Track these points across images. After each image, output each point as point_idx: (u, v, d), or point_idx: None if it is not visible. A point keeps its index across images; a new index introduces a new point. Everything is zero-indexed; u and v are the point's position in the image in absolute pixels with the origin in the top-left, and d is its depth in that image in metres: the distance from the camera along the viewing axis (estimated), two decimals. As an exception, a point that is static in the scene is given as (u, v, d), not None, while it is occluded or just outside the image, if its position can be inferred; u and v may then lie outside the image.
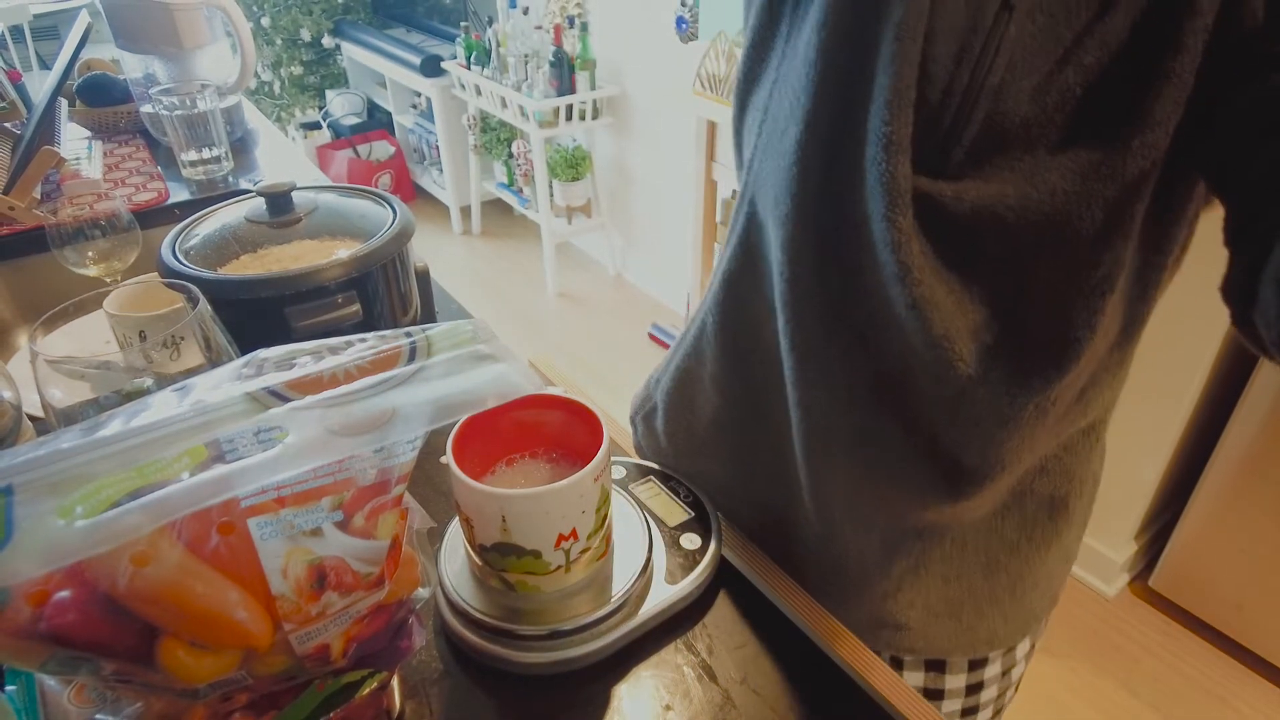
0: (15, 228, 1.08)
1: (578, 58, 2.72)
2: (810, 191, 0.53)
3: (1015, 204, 0.47)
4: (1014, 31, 0.45)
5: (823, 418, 0.61)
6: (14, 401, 0.60)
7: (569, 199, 3.06)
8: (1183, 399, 1.62)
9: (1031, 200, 0.47)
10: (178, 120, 1.22)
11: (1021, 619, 0.70)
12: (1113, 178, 0.45)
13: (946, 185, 0.49)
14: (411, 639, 0.46)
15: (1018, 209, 0.47)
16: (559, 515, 0.51)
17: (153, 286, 0.67)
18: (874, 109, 0.48)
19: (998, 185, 0.47)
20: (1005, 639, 0.71)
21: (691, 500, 0.67)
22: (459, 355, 0.40)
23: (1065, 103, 0.46)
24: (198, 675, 0.37)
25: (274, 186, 0.77)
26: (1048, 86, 0.46)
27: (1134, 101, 0.44)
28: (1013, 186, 0.47)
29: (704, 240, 2.04)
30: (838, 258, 0.54)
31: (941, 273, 0.50)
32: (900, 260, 0.49)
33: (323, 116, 3.85)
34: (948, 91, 0.47)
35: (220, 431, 0.35)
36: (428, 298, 0.88)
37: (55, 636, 0.34)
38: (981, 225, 0.48)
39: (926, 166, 0.49)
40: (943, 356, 0.51)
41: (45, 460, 0.33)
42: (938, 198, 0.48)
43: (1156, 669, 1.68)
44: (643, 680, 0.56)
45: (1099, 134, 0.46)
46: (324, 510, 0.37)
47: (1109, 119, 0.45)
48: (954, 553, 0.64)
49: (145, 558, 0.33)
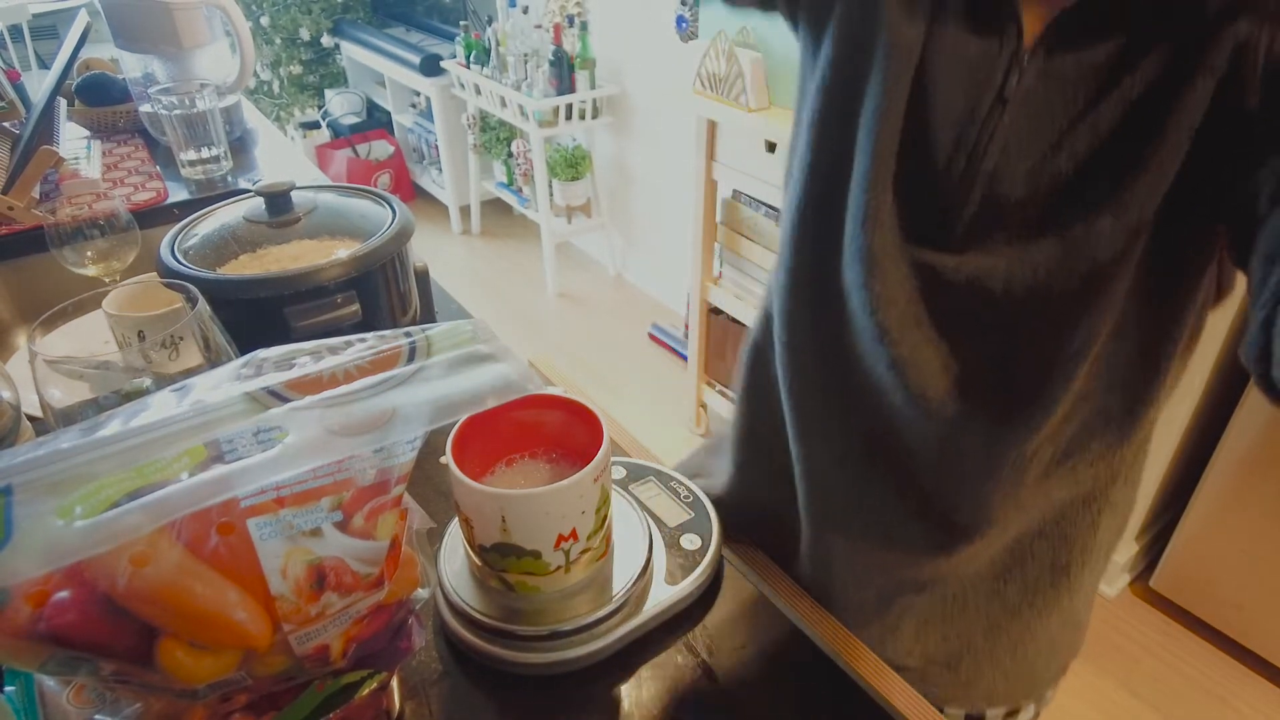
0: (14, 227, 1.08)
1: (577, 57, 2.72)
2: (805, 262, 0.57)
3: (1003, 276, 0.50)
4: (1008, 121, 0.49)
5: (821, 477, 0.64)
6: (13, 401, 0.60)
7: (569, 199, 3.06)
8: (1183, 400, 1.62)
9: (1016, 273, 0.50)
10: (177, 120, 1.22)
11: (1025, 682, 0.71)
12: (1086, 256, 0.48)
13: (949, 258, 0.52)
14: (411, 639, 0.46)
15: (1004, 280, 0.50)
16: (559, 515, 0.51)
17: (152, 286, 0.67)
18: (854, 183, 0.52)
19: (991, 259, 0.50)
20: (1005, 698, 0.71)
21: (691, 500, 0.67)
22: (459, 355, 0.40)
23: (1057, 185, 0.49)
24: (197, 675, 0.37)
25: (273, 186, 0.77)
26: (1041, 170, 0.48)
27: (1112, 186, 0.47)
28: (1004, 260, 0.50)
29: (704, 240, 2.04)
30: (827, 323, 0.58)
31: (933, 335, 0.54)
32: (878, 323, 0.53)
33: (322, 116, 3.85)
34: (947, 173, 0.51)
35: (220, 431, 0.35)
36: (427, 298, 0.88)
37: (55, 636, 0.34)
38: (975, 294, 0.52)
39: (932, 239, 0.52)
40: (922, 412, 0.55)
41: (45, 460, 0.33)
42: (939, 269, 0.52)
43: (1157, 669, 1.68)
44: (643, 680, 0.56)
45: (1080, 214, 0.48)
46: (324, 510, 0.36)
47: (1089, 201, 0.48)
48: (954, 611, 0.66)
49: (145, 558, 0.33)
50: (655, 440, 2.35)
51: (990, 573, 0.65)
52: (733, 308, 2.06)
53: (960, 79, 0.50)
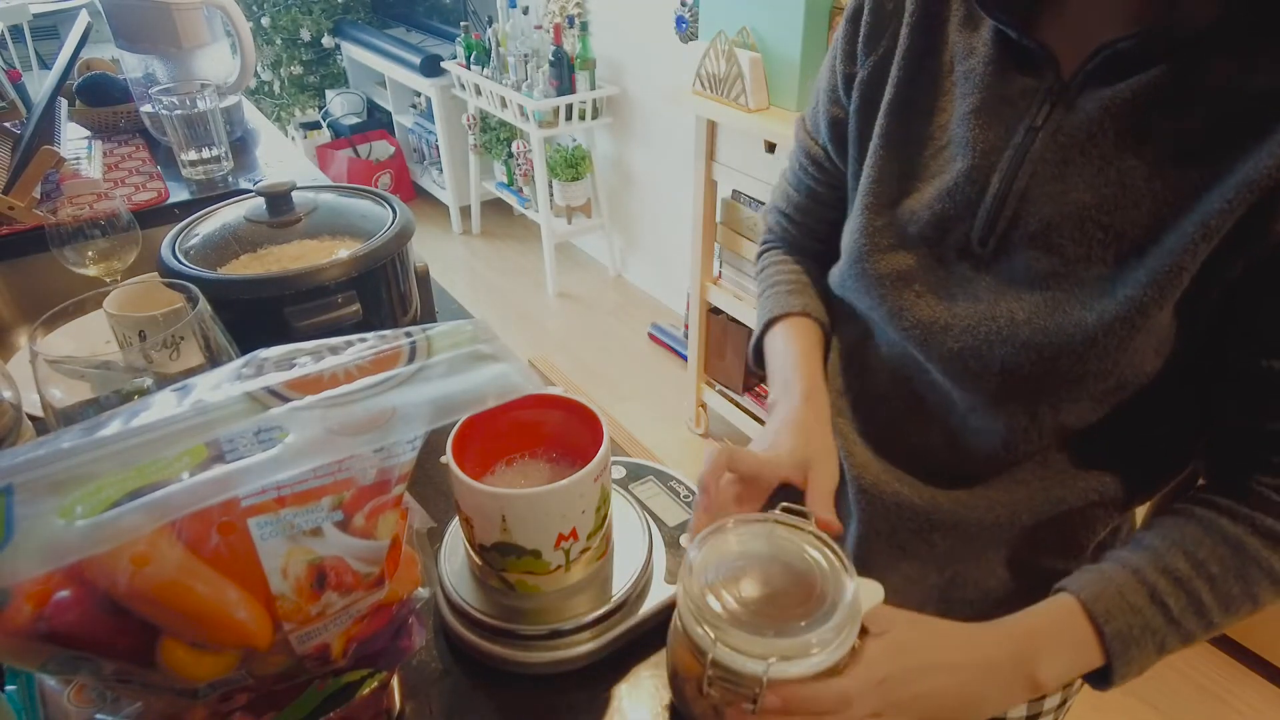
0: (15, 227, 1.08)
1: (577, 57, 2.72)
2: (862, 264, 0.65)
3: (1026, 299, 0.56)
4: (1039, 148, 0.54)
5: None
6: (14, 401, 0.60)
7: (569, 199, 3.06)
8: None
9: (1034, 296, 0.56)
10: (177, 120, 1.22)
11: None
12: (1107, 292, 0.53)
13: (975, 274, 0.60)
14: (411, 639, 0.46)
15: (1028, 310, 0.56)
16: (559, 515, 0.51)
17: (152, 286, 0.67)
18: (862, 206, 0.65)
19: (1014, 278, 0.57)
20: None
21: (691, 500, 0.67)
22: (459, 355, 0.40)
23: (1076, 212, 0.53)
24: (198, 675, 0.37)
25: (274, 186, 0.77)
26: (1063, 197, 0.54)
27: (1133, 227, 0.52)
28: (1026, 280, 0.56)
29: (704, 240, 2.04)
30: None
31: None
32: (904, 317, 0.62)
33: (322, 116, 3.85)
34: (981, 193, 0.57)
35: (220, 431, 0.35)
36: (428, 298, 0.88)
37: (56, 636, 0.34)
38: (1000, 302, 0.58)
39: (968, 253, 0.59)
40: (940, 383, 0.63)
41: (45, 460, 0.33)
42: (968, 278, 0.60)
43: (1156, 669, 1.68)
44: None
45: (1104, 249, 0.53)
46: (324, 510, 0.37)
47: (1118, 235, 0.52)
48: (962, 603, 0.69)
49: (145, 558, 0.33)
50: (655, 440, 2.36)
51: (1005, 591, 0.67)
52: (732, 308, 2.06)
53: (999, 110, 0.56)
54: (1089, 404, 0.57)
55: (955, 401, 0.62)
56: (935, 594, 0.68)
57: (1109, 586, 0.52)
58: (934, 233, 0.60)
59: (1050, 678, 0.51)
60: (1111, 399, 0.56)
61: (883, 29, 0.63)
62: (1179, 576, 0.52)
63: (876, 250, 0.63)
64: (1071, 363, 0.54)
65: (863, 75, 0.64)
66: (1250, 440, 0.53)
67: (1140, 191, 0.51)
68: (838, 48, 0.67)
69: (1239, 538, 0.52)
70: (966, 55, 0.58)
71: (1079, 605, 0.52)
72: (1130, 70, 0.50)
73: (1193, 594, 0.52)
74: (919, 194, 0.61)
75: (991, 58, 0.56)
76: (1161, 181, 0.50)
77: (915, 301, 0.61)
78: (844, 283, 0.67)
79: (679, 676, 0.52)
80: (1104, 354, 0.52)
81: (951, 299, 0.60)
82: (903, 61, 0.61)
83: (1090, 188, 0.52)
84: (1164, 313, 0.51)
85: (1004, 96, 0.56)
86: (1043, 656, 0.51)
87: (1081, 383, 0.55)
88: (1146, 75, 0.50)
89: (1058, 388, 0.56)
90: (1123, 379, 0.54)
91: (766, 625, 0.46)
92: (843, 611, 0.46)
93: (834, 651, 0.46)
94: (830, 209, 0.75)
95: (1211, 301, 0.51)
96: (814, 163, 0.74)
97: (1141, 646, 0.52)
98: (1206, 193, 0.48)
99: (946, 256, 0.60)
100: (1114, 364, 0.53)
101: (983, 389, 0.59)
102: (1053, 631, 0.52)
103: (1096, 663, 0.52)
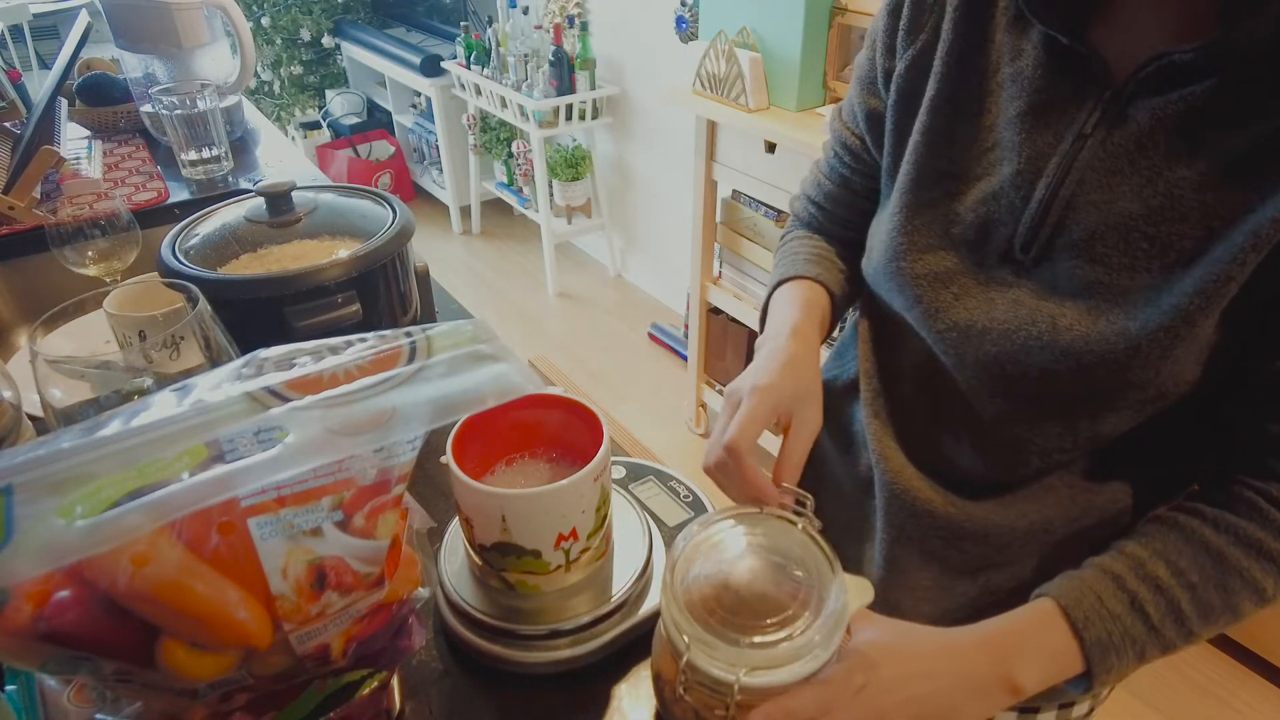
0: (15, 227, 1.08)
1: (577, 57, 2.72)
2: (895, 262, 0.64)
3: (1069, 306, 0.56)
4: (1087, 155, 0.54)
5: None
6: (14, 401, 0.60)
7: (569, 199, 3.06)
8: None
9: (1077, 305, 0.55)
10: (178, 120, 1.22)
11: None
12: (1123, 300, 0.53)
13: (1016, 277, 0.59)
14: (411, 639, 0.46)
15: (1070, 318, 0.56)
16: (559, 515, 0.51)
17: (152, 286, 0.67)
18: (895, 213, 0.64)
19: (1056, 284, 0.57)
20: None
21: (691, 500, 0.67)
22: (459, 355, 0.40)
23: (1122, 223, 0.52)
24: (198, 675, 0.37)
25: (274, 186, 0.77)
26: (1110, 206, 0.53)
27: (1181, 237, 0.51)
28: (1070, 287, 0.56)
29: (704, 240, 2.04)
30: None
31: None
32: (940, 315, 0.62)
33: (322, 116, 3.85)
34: (1027, 198, 0.56)
35: (220, 431, 0.35)
36: (428, 298, 0.88)
37: (56, 636, 0.34)
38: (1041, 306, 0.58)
39: (1010, 258, 0.58)
40: (973, 389, 0.62)
41: (45, 460, 0.33)
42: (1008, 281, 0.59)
43: (1156, 668, 1.68)
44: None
45: (1149, 257, 0.52)
46: (324, 510, 0.37)
47: (1164, 244, 0.51)
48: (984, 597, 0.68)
49: (145, 558, 0.33)
50: (655, 440, 2.36)
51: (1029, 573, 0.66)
52: (732, 308, 2.06)
53: (1047, 114, 0.56)
54: (1128, 414, 0.56)
55: (982, 412, 0.62)
56: (967, 601, 0.68)
57: (1089, 593, 0.52)
58: (976, 235, 0.59)
59: (1030, 684, 0.51)
60: (1150, 408, 0.55)
61: (923, 21, 0.62)
62: (1159, 585, 0.52)
63: (914, 249, 0.62)
64: (1111, 371, 0.53)
65: (901, 68, 0.63)
66: (1250, 442, 0.53)
67: (1189, 204, 0.50)
68: (877, 40, 0.66)
69: (1220, 548, 0.52)
70: (1015, 57, 0.57)
71: (1059, 611, 0.52)
72: (1182, 81, 0.50)
73: (1172, 602, 0.52)
74: (962, 196, 0.60)
75: (1041, 61, 0.55)
76: (1212, 194, 0.49)
77: (952, 304, 0.60)
78: (877, 280, 0.66)
79: (660, 679, 0.51)
80: (1146, 363, 0.52)
81: (990, 303, 0.59)
82: (946, 58, 0.60)
83: (1138, 198, 0.52)
84: (1209, 322, 0.50)
85: (1053, 101, 0.55)
86: (1022, 662, 0.51)
87: (1122, 392, 0.54)
88: (1200, 86, 0.49)
89: (1095, 397, 0.55)
90: (1163, 389, 0.53)
91: (742, 633, 0.45)
92: (826, 620, 0.46)
93: (814, 660, 0.46)
94: (863, 199, 0.74)
95: (1256, 311, 0.50)
96: (850, 152, 0.73)
97: (1121, 654, 0.52)
98: (1260, 204, 0.47)
99: (987, 260, 0.59)
100: (1155, 373, 0.52)
101: (1018, 396, 0.58)
102: (1032, 637, 0.52)
103: (1076, 669, 0.52)
